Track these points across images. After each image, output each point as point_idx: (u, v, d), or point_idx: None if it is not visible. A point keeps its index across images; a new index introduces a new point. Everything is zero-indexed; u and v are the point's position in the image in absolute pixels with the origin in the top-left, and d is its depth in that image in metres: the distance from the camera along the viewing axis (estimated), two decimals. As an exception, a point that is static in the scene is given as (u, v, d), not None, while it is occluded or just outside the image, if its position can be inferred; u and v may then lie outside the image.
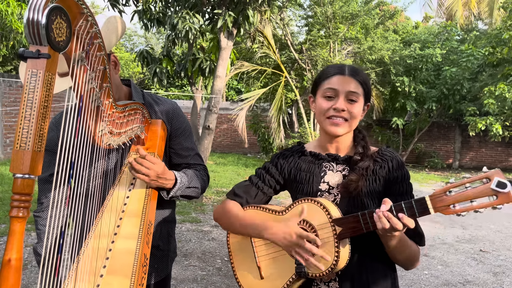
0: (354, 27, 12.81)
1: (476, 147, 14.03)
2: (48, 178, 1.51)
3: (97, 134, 1.13)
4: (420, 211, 1.14)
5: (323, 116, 1.33)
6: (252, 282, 1.37)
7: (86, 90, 1.01)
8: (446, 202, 1.12)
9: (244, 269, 1.40)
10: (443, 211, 1.12)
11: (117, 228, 1.32)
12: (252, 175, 1.49)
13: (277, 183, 1.45)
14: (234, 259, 1.43)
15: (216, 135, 16.05)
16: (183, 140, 1.63)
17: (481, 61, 11.34)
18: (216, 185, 9.00)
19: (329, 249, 1.22)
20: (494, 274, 4.54)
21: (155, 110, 1.59)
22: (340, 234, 1.22)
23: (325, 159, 1.38)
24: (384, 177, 1.33)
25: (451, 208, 1.11)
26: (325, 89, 1.32)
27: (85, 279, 1.21)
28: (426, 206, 1.13)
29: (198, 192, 1.59)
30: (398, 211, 1.14)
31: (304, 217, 1.28)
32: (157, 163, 1.37)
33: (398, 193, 1.32)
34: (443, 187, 1.14)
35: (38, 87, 0.80)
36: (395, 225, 1.13)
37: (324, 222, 1.24)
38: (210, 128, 6.75)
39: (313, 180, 1.36)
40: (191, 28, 6.07)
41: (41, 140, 0.81)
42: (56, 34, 0.81)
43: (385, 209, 1.15)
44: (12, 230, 0.82)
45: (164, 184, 1.44)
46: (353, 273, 1.29)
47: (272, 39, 11.71)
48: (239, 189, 1.45)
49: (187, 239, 5.38)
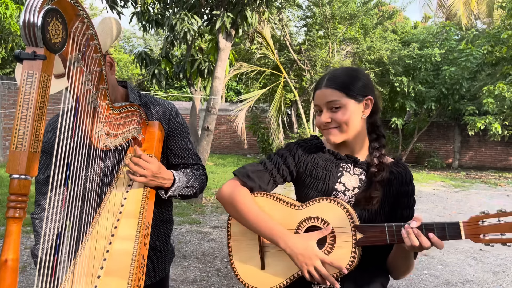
0: (352, 28, 12.83)
1: (476, 146, 14.05)
2: (45, 180, 1.51)
3: (94, 136, 1.14)
4: (452, 235, 1.17)
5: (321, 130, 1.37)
6: (250, 271, 1.33)
7: (83, 92, 1.02)
8: (478, 231, 1.15)
9: (243, 255, 1.35)
10: (473, 238, 1.16)
11: (115, 229, 1.32)
12: (266, 160, 1.41)
13: (290, 174, 1.39)
14: (232, 243, 1.37)
15: (215, 136, 16.05)
16: (180, 140, 1.63)
17: (480, 61, 11.35)
18: (215, 186, 9.00)
19: (345, 253, 1.22)
20: (494, 274, 4.54)
21: (151, 111, 1.59)
22: (359, 241, 1.22)
23: (344, 160, 1.37)
24: (398, 189, 1.35)
25: (481, 237, 1.15)
26: (314, 107, 1.38)
27: (83, 280, 1.21)
28: (459, 231, 1.16)
29: (196, 192, 1.59)
30: (428, 231, 1.17)
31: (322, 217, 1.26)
32: (152, 162, 1.37)
33: (405, 206, 1.36)
34: (477, 215, 1.17)
35: (34, 88, 0.80)
36: (424, 244, 1.16)
37: (344, 226, 1.23)
38: (209, 129, 6.76)
39: (330, 178, 1.34)
40: (190, 29, 6.07)
41: (37, 141, 0.82)
42: (52, 36, 0.81)
43: (415, 225, 1.18)
44: (9, 231, 0.82)
45: (162, 184, 1.44)
46: (356, 276, 1.29)
47: (271, 40, 11.72)
48: (253, 173, 1.36)
49: (187, 240, 5.38)
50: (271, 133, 11.95)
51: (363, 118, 1.34)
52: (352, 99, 1.30)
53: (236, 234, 1.37)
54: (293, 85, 12.52)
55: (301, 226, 1.29)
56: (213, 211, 7.03)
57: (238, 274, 1.35)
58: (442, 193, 9.42)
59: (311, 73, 12.36)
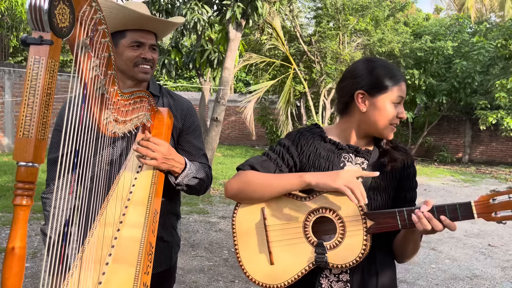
0: (364, 19, 12.67)
1: (487, 141, 13.87)
2: (56, 159, 1.51)
3: (102, 122, 1.13)
4: (464, 215, 1.16)
5: (388, 122, 1.30)
6: (258, 267, 1.30)
7: (91, 78, 1.00)
8: (490, 210, 1.15)
9: (250, 253, 1.32)
10: (485, 217, 1.15)
11: (123, 216, 1.32)
12: (269, 151, 1.39)
13: (294, 163, 1.36)
14: (238, 240, 1.34)
15: (224, 127, 16.05)
16: (193, 138, 1.64)
17: (493, 54, 11.17)
18: (223, 177, 9.02)
19: (357, 242, 1.21)
20: (502, 269, 4.50)
21: (170, 104, 1.61)
22: (371, 228, 1.21)
23: (345, 150, 1.35)
24: (400, 172, 1.35)
25: (493, 215, 1.15)
26: (397, 96, 1.30)
27: (91, 267, 1.21)
28: (471, 210, 1.16)
29: (202, 186, 1.57)
30: (440, 213, 1.16)
31: (331, 207, 1.25)
32: (161, 144, 1.36)
33: (408, 188, 1.36)
34: (488, 193, 1.17)
35: (41, 74, 0.79)
36: (436, 227, 1.16)
37: (354, 215, 1.22)
38: (218, 120, 6.75)
39: (332, 169, 1.32)
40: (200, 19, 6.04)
41: (45, 128, 0.81)
42: (59, 20, 0.79)
43: (426, 209, 1.17)
44: (16, 218, 0.81)
45: (174, 167, 1.42)
46: (363, 265, 1.28)
47: (281, 31, 11.64)
48: (258, 164, 1.34)
49: (195, 230, 5.41)
50: (279, 125, 11.92)
51: None
52: None
53: (242, 232, 1.33)
54: (303, 76, 12.44)
55: (309, 218, 1.27)
56: (220, 201, 7.05)
57: (246, 272, 1.31)
58: (451, 187, 9.34)
59: (321, 65, 12.25)
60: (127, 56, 1.48)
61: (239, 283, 3.83)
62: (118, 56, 1.46)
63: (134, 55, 1.47)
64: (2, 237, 4.72)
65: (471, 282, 4.11)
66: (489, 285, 4.07)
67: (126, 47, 1.47)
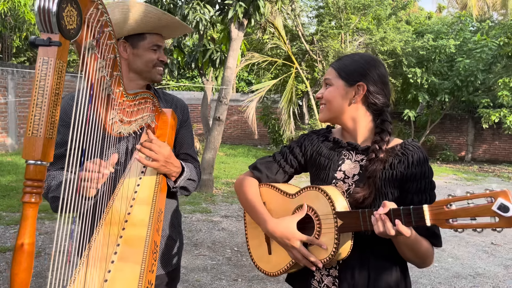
0: (366, 18, 12.67)
1: (489, 139, 13.85)
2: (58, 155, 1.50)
3: (108, 123, 1.14)
4: (416, 220, 1.08)
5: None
6: (261, 255, 1.44)
7: (97, 79, 1.02)
8: (445, 216, 1.04)
9: (256, 242, 1.46)
10: (440, 224, 1.05)
11: (128, 215, 1.34)
12: (276, 152, 1.51)
13: (299, 163, 1.47)
14: (248, 230, 1.49)
15: (226, 126, 16.07)
16: (187, 133, 1.70)
17: (495, 52, 11.15)
18: (226, 177, 9.04)
19: (329, 239, 1.23)
20: (505, 267, 4.50)
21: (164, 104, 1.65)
22: (341, 227, 1.21)
23: (345, 147, 1.37)
24: (402, 173, 1.26)
25: (450, 222, 1.03)
26: None
27: (97, 265, 1.23)
28: (422, 215, 1.06)
29: (194, 187, 1.63)
30: (396, 216, 1.10)
31: (311, 205, 1.29)
32: (164, 147, 1.39)
33: (415, 191, 1.26)
34: (445, 198, 1.05)
35: (49, 75, 0.81)
36: (388, 230, 1.10)
37: (328, 213, 1.24)
38: (220, 119, 6.77)
39: (331, 167, 1.36)
40: (202, 19, 6.06)
41: (53, 127, 0.83)
42: (66, 22, 0.81)
43: (382, 212, 1.12)
44: (25, 215, 0.83)
45: (172, 171, 1.45)
46: (354, 265, 1.28)
47: (283, 30, 11.65)
48: (261, 164, 1.47)
49: (198, 229, 5.43)
50: (282, 124, 11.93)
51: (354, 103, 1.33)
52: (342, 81, 1.34)
53: (251, 222, 1.47)
54: (305, 76, 12.45)
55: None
56: (223, 200, 7.07)
57: (253, 259, 1.46)
58: (454, 186, 9.34)
59: (323, 64, 12.26)
60: (148, 58, 1.52)
61: (242, 282, 3.85)
62: (137, 57, 1.50)
63: (154, 57, 1.53)
64: (7, 237, 4.75)
65: (474, 281, 4.12)
66: (492, 283, 4.08)
67: (146, 49, 1.51)
